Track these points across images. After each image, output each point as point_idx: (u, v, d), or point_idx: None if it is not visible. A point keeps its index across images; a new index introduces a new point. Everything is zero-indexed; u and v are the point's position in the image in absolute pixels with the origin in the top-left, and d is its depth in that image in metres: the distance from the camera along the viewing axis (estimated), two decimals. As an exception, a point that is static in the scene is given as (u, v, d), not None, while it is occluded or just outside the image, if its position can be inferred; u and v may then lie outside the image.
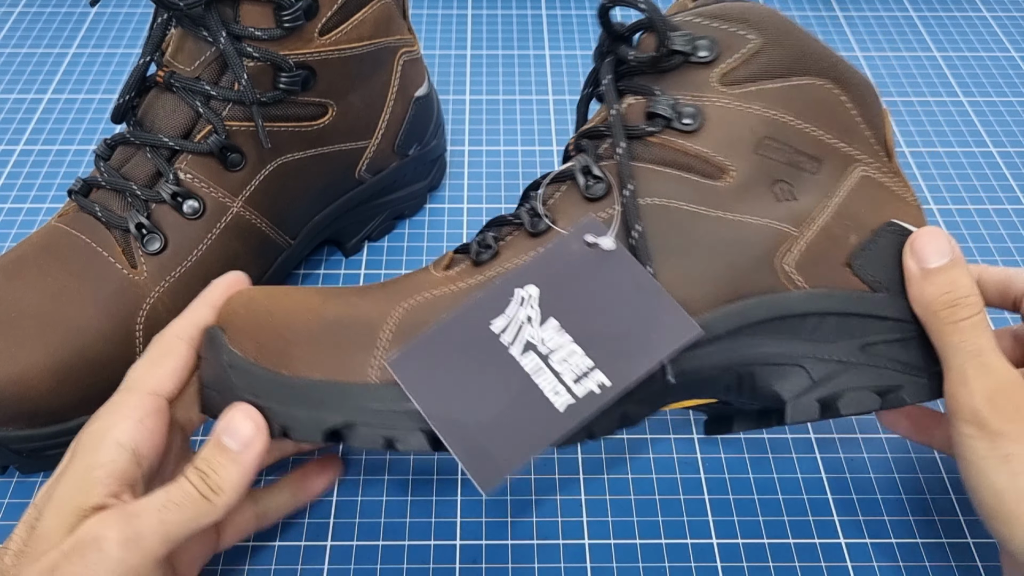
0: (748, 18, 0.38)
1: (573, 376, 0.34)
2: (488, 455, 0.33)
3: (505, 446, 0.33)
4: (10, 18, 0.74)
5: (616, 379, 0.34)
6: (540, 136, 0.64)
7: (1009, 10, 0.77)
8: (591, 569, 0.40)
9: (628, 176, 0.36)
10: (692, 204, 0.36)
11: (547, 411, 0.33)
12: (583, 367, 0.34)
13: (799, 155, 0.37)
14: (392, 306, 0.35)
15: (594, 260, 0.35)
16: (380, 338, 0.34)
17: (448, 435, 0.33)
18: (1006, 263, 0.55)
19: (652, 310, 0.34)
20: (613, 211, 0.36)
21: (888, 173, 0.39)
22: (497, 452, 0.33)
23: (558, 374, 0.34)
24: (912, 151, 0.63)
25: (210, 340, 0.36)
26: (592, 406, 0.33)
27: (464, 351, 0.34)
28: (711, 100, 0.37)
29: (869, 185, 0.38)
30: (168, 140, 0.43)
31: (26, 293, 0.41)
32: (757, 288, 0.36)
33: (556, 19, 0.76)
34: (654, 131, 0.37)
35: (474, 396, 0.34)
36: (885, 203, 0.38)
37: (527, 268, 0.36)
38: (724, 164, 0.37)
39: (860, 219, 0.38)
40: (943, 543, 0.41)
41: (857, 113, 0.38)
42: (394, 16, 0.49)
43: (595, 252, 0.35)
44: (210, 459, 0.33)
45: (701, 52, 0.37)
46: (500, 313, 0.35)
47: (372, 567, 0.40)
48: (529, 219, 0.37)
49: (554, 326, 0.35)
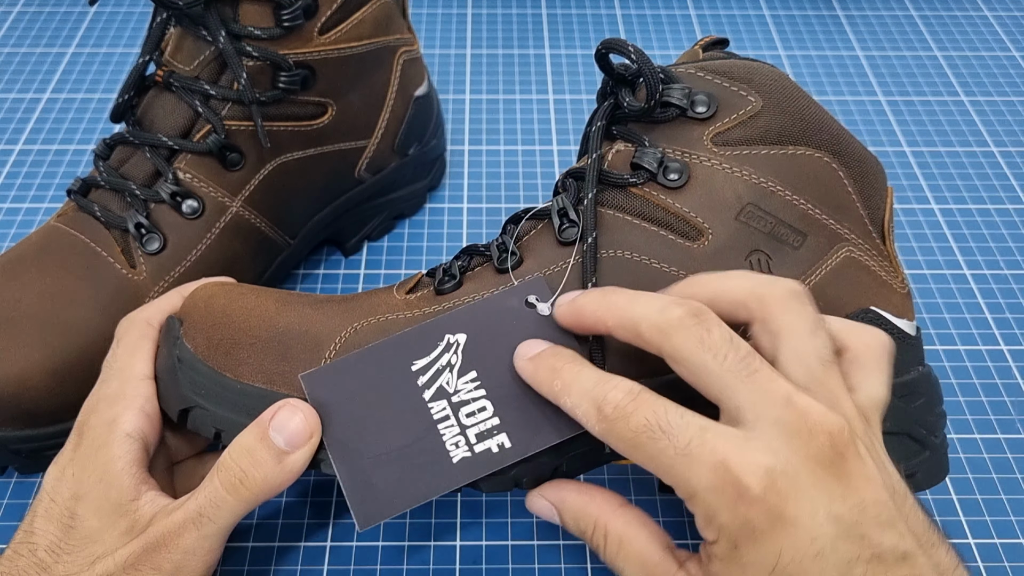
0: (752, 78, 0.36)
1: (477, 432, 0.33)
2: (374, 492, 0.32)
3: (393, 486, 0.33)
4: (9, 17, 0.74)
5: (518, 445, 0.33)
6: (540, 136, 0.64)
7: (1010, 9, 0.77)
8: (591, 570, 0.40)
9: (592, 227, 0.35)
10: (663, 263, 0.35)
11: (443, 461, 0.33)
12: (489, 425, 0.33)
13: (783, 226, 0.36)
14: (344, 324, 0.35)
15: (528, 321, 0.35)
16: (325, 355, 0.34)
17: (339, 461, 0.33)
18: (1007, 263, 0.55)
19: None
20: (580, 259, 0.36)
21: (877, 256, 0.37)
22: (383, 490, 0.32)
23: (463, 427, 0.33)
24: (913, 151, 0.63)
25: (167, 330, 0.36)
26: (488, 466, 0.33)
27: (379, 383, 0.34)
28: (700, 158, 0.36)
29: (853, 267, 0.36)
30: (167, 140, 0.43)
31: (25, 293, 0.41)
32: None
33: (556, 19, 0.76)
34: (636, 182, 0.36)
35: (375, 429, 0.33)
36: (867, 288, 0.37)
37: (463, 313, 0.35)
38: (702, 226, 0.35)
39: (837, 302, 0.36)
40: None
41: (853, 190, 0.37)
42: (394, 15, 0.49)
43: (532, 313, 0.35)
44: (254, 452, 0.32)
45: (698, 107, 0.36)
46: (425, 354, 0.34)
47: (372, 568, 0.40)
48: (498, 254, 0.37)
49: (472, 378, 0.34)
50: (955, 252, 0.55)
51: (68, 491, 0.34)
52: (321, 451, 0.33)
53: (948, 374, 0.48)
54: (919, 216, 0.58)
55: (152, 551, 0.32)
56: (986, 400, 0.47)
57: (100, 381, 0.37)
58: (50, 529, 0.33)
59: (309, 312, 0.36)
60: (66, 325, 0.40)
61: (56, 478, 0.34)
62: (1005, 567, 0.40)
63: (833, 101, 0.67)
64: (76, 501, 0.33)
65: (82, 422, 0.35)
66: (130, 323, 0.38)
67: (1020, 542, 0.41)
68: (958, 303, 0.52)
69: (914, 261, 0.55)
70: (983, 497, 0.43)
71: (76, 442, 0.35)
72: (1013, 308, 0.52)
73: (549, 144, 0.63)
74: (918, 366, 0.38)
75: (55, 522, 0.33)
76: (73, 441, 0.35)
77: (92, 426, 0.35)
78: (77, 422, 0.36)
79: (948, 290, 0.53)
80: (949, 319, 0.51)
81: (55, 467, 0.35)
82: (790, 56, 0.72)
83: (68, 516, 0.33)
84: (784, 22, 0.76)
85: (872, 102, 0.67)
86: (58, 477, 0.34)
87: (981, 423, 0.46)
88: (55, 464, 0.35)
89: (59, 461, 0.35)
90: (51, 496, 0.34)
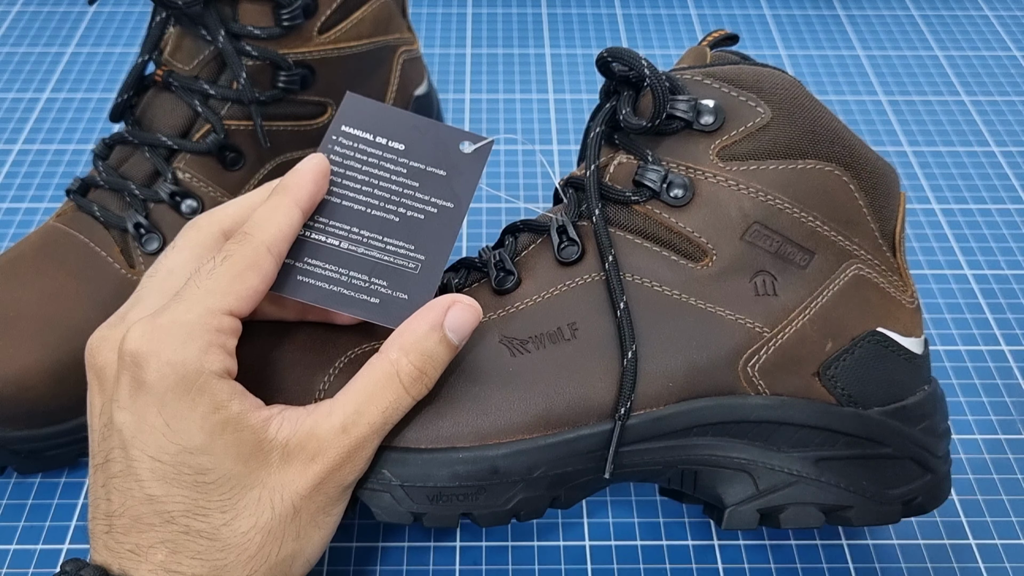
0: (762, 87, 0.35)
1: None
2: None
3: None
4: (8, 17, 0.74)
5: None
6: (540, 135, 0.64)
7: (1011, 9, 0.77)
8: (592, 570, 0.40)
9: (608, 246, 0.34)
10: (664, 286, 0.34)
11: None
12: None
13: (789, 245, 0.35)
14: (339, 354, 0.35)
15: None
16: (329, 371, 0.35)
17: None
18: (1008, 263, 0.55)
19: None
20: (588, 279, 0.35)
21: (887, 272, 0.36)
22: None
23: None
24: (914, 150, 0.63)
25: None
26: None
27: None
28: (705, 174, 0.35)
29: (862, 286, 0.35)
30: (166, 139, 0.43)
31: (24, 293, 0.41)
32: (715, 389, 0.34)
33: (556, 18, 0.76)
34: (639, 200, 0.35)
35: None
36: (876, 307, 0.36)
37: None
38: (706, 247, 0.34)
39: (842, 324, 0.35)
40: (944, 544, 0.41)
41: (865, 203, 0.35)
42: (393, 15, 0.49)
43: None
44: (434, 355, 0.32)
45: (704, 119, 0.34)
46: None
47: (372, 568, 0.40)
48: (495, 273, 0.36)
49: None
50: (956, 252, 0.55)
51: (171, 445, 0.29)
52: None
53: (949, 374, 0.48)
54: (920, 216, 0.58)
55: (336, 470, 0.31)
56: (987, 400, 0.47)
57: (191, 286, 0.31)
58: (175, 493, 0.30)
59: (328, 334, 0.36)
60: (66, 325, 0.40)
61: (135, 430, 0.30)
62: (1006, 568, 0.40)
63: (834, 101, 0.67)
64: (190, 455, 0.30)
65: (144, 352, 0.30)
66: (244, 241, 0.32)
67: (1021, 543, 0.41)
68: (959, 303, 0.52)
69: (915, 261, 0.55)
70: (984, 498, 0.43)
71: (136, 387, 0.30)
72: (1014, 308, 0.52)
73: (549, 144, 0.63)
74: (923, 386, 0.37)
75: (176, 484, 0.30)
76: (131, 387, 0.30)
77: (174, 365, 0.29)
78: (130, 351, 0.30)
79: (949, 290, 0.53)
80: (950, 319, 0.51)
81: (125, 413, 0.30)
82: (790, 56, 0.72)
83: (193, 473, 0.30)
84: (784, 22, 0.75)
85: (873, 102, 0.67)
86: (137, 428, 0.30)
87: (982, 423, 0.46)
88: (120, 411, 0.30)
89: (122, 405, 0.30)
90: (156, 456, 0.29)
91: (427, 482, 0.33)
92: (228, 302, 0.31)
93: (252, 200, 0.35)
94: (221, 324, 0.31)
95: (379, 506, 0.33)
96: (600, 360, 0.34)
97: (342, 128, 0.35)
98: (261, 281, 0.32)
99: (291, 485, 0.31)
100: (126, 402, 0.30)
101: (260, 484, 0.31)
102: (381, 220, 0.35)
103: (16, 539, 0.41)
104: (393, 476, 0.33)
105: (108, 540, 0.30)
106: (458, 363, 0.34)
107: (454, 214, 0.35)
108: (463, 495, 0.33)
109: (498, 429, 0.33)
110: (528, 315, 0.35)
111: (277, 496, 0.31)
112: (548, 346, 0.34)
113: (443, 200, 0.36)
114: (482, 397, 0.34)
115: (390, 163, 0.35)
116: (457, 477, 0.33)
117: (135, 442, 0.30)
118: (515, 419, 0.33)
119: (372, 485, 0.33)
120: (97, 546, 0.31)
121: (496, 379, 0.34)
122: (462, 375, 0.34)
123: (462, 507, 0.33)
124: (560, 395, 0.33)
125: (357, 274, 0.34)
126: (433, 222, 0.35)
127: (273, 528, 0.31)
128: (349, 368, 0.34)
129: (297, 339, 0.35)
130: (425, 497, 0.33)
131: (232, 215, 0.34)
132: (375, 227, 0.35)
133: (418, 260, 0.35)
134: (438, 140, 0.36)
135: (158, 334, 0.30)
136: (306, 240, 0.34)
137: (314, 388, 0.34)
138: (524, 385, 0.34)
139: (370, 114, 0.36)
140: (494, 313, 0.35)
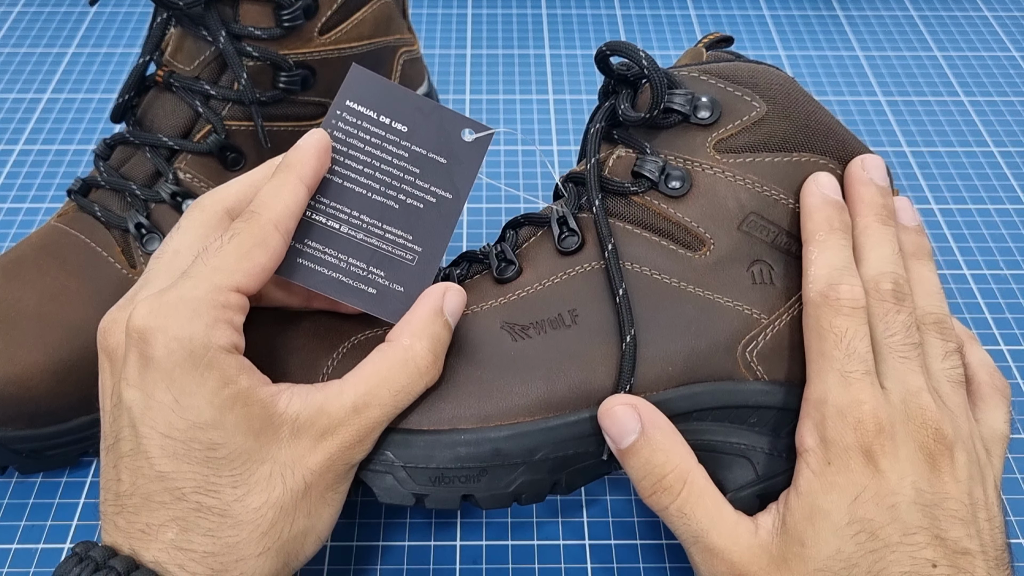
0: (757, 82, 0.36)
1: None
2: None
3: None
4: (9, 17, 0.74)
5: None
6: (540, 136, 0.64)
7: (1010, 9, 0.77)
8: (592, 570, 0.40)
9: (608, 235, 0.35)
10: (663, 274, 0.35)
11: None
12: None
13: (785, 236, 0.36)
14: (340, 341, 0.35)
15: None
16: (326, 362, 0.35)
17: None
18: (1007, 263, 0.55)
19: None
20: (588, 267, 0.35)
21: None
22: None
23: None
24: (913, 151, 0.63)
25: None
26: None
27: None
28: (703, 166, 0.35)
29: None
30: (167, 140, 0.43)
31: (25, 293, 0.41)
32: (714, 374, 0.34)
33: (556, 19, 0.76)
34: (638, 191, 0.36)
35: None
36: None
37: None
38: (704, 236, 0.35)
39: None
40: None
41: None
42: (394, 15, 0.49)
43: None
44: (442, 338, 0.33)
45: (701, 113, 0.35)
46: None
47: (372, 567, 0.40)
48: (497, 263, 0.36)
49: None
50: (955, 252, 0.55)
51: (181, 421, 0.29)
52: None
53: (948, 374, 0.48)
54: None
55: (347, 448, 0.31)
56: (986, 400, 0.47)
57: (198, 263, 0.31)
58: (185, 469, 0.29)
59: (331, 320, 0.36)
60: (67, 325, 0.40)
61: (144, 407, 0.30)
62: (1005, 567, 0.40)
63: (833, 101, 0.67)
64: (200, 430, 0.29)
65: (151, 328, 0.29)
66: (252, 219, 0.32)
67: (1022, 543, 0.41)
68: (958, 303, 0.52)
69: (914, 261, 0.55)
70: (983, 497, 0.43)
71: (144, 363, 0.29)
72: (1013, 308, 0.52)
73: (549, 144, 0.63)
74: None
75: (186, 460, 0.29)
76: (139, 364, 0.30)
77: (182, 340, 0.29)
78: (137, 327, 0.30)
79: (948, 290, 0.53)
80: (949, 319, 0.51)
81: (133, 390, 0.30)
82: (790, 56, 0.72)
83: (203, 448, 0.29)
84: (784, 22, 0.76)
85: (872, 102, 0.67)
86: (146, 404, 0.29)
87: (981, 423, 0.46)
88: (129, 389, 0.30)
89: (131, 382, 0.30)
90: (166, 432, 0.29)
91: (429, 463, 0.33)
92: (236, 279, 0.31)
93: (254, 178, 0.35)
94: (228, 300, 0.30)
95: (381, 487, 0.34)
96: (600, 345, 0.34)
97: (346, 103, 0.35)
98: (269, 259, 0.32)
99: (302, 461, 0.31)
100: (134, 379, 0.30)
101: (271, 459, 0.31)
102: (381, 206, 0.35)
103: (17, 538, 0.41)
104: (396, 457, 0.33)
105: (119, 520, 0.30)
106: (460, 347, 0.34)
107: (452, 206, 0.36)
108: (465, 477, 0.33)
109: (500, 411, 0.34)
110: (529, 302, 0.35)
111: (288, 471, 0.31)
112: (549, 331, 0.35)
113: (442, 190, 0.36)
114: (484, 380, 0.34)
115: (392, 145, 0.35)
116: (459, 459, 0.33)
117: (144, 419, 0.30)
118: (517, 402, 0.34)
119: (374, 466, 0.33)
120: (108, 527, 0.31)
121: (498, 363, 0.34)
122: (464, 359, 0.34)
123: (464, 489, 0.34)
124: (561, 379, 0.34)
125: (356, 261, 0.34)
126: (432, 212, 0.35)
127: (285, 504, 0.31)
128: (353, 353, 0.34)
129: (302, 326, 0.36)
130: (427, 478, 0.33)
131: (236, 194, 0.34)
132: (375, 212, 0.35)
133: (415, 252, 0.35)
134: (441, 125, 0.36)
135: (165, 310, 0.30)
136: (307, 220, 0.34)
137: (318, 371, 0.34)
138: (526, 369, 0.34)
139: (375, 90, 0.35)
140: (495, 300, 0.35)
